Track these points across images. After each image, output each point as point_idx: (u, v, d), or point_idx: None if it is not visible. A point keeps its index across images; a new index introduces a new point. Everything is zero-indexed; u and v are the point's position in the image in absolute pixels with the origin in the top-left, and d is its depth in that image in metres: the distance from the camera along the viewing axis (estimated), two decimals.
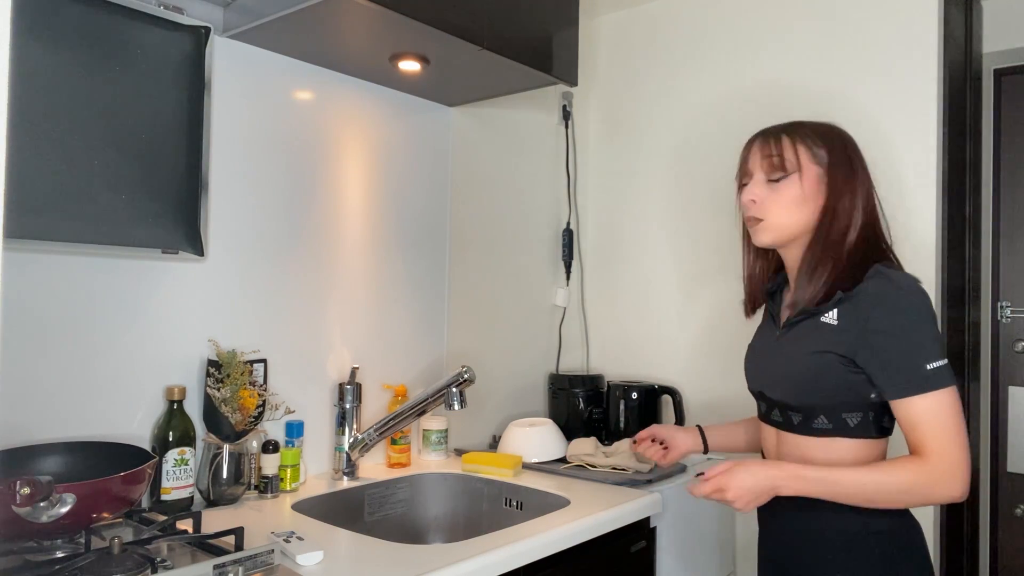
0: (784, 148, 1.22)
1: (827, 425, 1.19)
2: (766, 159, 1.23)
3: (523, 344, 2.18)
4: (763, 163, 1.24)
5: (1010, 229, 2.51)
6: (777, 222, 1.23)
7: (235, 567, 0.98)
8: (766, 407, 1.30)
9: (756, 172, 1.25)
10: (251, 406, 1.41)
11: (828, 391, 1.17)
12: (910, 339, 1.11)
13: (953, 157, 1.94)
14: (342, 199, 1.70)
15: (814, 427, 1.20)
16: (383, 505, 1.61)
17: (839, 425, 1.18)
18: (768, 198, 1.23)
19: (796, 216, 1.22)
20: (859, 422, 1.18)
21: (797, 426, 1.22)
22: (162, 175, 1.33)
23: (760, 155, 1.24)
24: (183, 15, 1.36)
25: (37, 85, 1.17)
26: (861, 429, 1.18)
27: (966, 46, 2.14)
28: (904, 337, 1.11)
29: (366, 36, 1.46)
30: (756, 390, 1.32)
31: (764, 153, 1.24)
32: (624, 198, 2.35)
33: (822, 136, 1.23)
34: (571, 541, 1.31)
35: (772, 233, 1.25)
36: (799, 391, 1.20)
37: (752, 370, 1.34)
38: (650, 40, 2.31)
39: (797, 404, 1.21)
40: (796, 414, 1.22)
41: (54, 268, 1.25)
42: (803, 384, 1.19)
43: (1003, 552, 2.48)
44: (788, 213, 1.22)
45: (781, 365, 1.24)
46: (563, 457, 1.81)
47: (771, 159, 1.22)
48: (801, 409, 1.21)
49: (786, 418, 1.24)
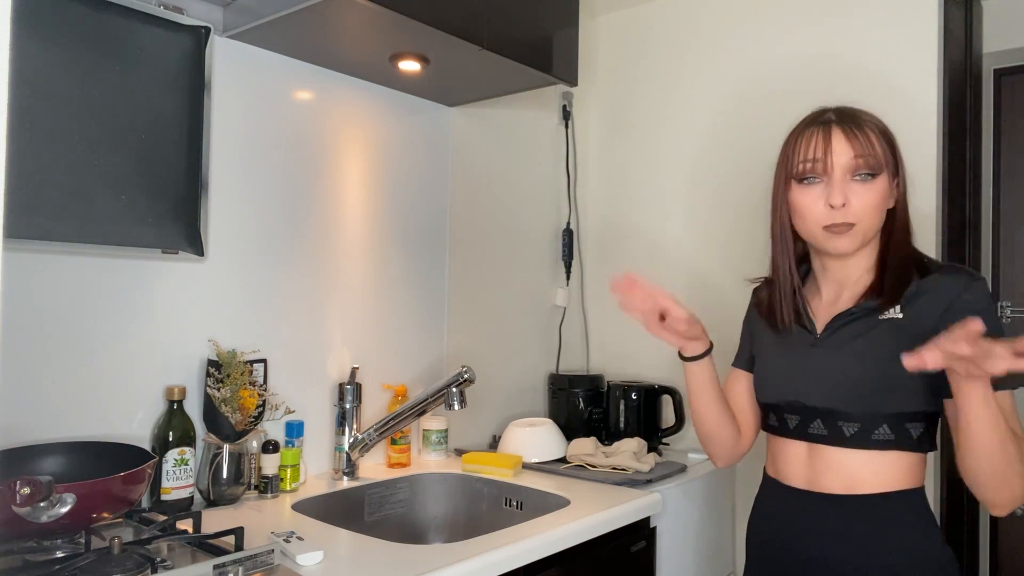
0: (874, 143, 1.09)
1: (890, 436, 1.08)
2: (859, 157, 1.08)
3: (523, 344, 2.18)
4: (855, 161, 1.08)
5: (1010, 229, 2.51)
6: (868, 227, 1.10)
7: (235, 567, 0.98)
8: (799, 420, 1.16)
9: (839, 170, 1.09)
10: (251, 406, 1.41)
11: (897, 394, 1.07)
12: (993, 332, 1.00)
13: (953, 157, 1.94)
14: (342, 199, 1.70)
15: (874, 438, 1.09)
16: (383, 505, 1.61)
17: (901, 436, 1.08)
18: (857, 201, 1.08)
19: (881, 216, 1.10)
20: (921, 433, 1.09)
21: (850, 438, 1.10)
22: (162, 175, 1.33)
23: (850, 151, 1.08)
24: (183, 15, 1.36)
25: (37, 85, 1.17)
26: (921, 442, 1.10)
27: (966, 46, 2.14)
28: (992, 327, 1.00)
29: (366, 36, 1.46)
30: (787, 401, 1.18)
31: (855, 149, 1.08)
32: (624, 198, 2.35)
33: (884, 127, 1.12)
34: (571, 541, 1.31)
35: (859, 239, 1.10)
36: (862, 395, 1.08)
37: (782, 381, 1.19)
38: (650, 40, 2.31)
39: (857, 412, 1.09)
40: (851, 424, 1.10)
41: (54, 268, 1.25)
42: (871, 385, 1.08)
43: (1003, 552, 2.48)
44: (878, 216, 1.10)
45: (838, 368, 1.12)
46: (563, 457, 1.81)
47: (865, 158, 1.08)
48: (861, 418, 1.09)
49: (834, 429, 1.11)
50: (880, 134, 1.10)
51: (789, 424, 1.17)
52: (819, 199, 1.10)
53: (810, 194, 1.11)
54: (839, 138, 1.09)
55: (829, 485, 1.12)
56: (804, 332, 1.18)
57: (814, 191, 1.11)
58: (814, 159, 1.10)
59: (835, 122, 1.11)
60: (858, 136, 1.08)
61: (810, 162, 1.11)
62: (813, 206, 1.11)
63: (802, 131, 1.14)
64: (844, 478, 1.11)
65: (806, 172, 1.11)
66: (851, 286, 1.17)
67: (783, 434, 1.19)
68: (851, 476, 1.11)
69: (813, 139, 1.11)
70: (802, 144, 1.12)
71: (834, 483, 1.12)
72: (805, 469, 1.16)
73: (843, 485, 1.11)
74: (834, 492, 1.12)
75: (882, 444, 1.08)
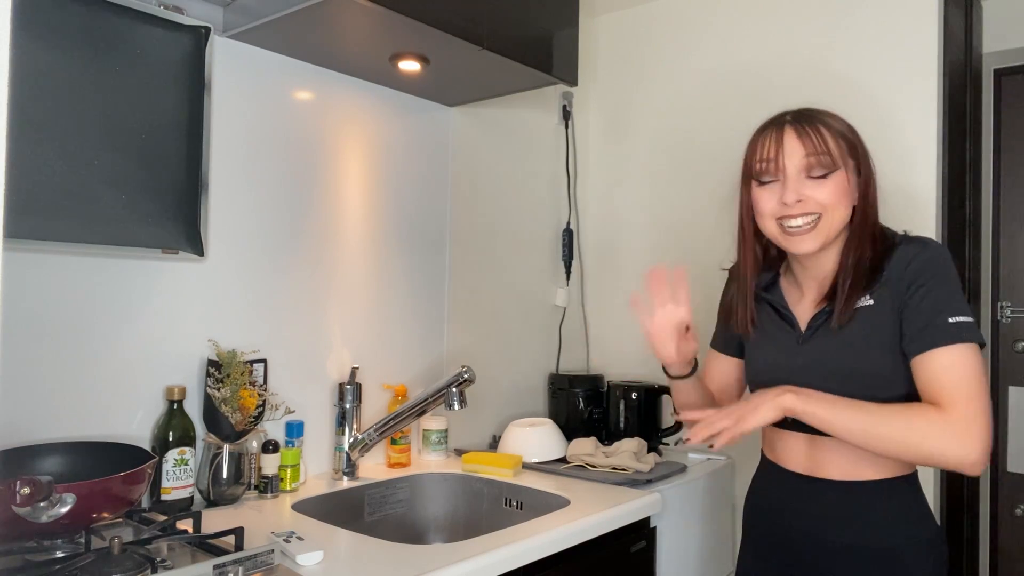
0: (828, 141, 1.10)
1: None
2: (811, 155, 1.10)
3: (523, 344, 2.18)
4: (807, 159, 1.10)
5: (1010, 229, 2.51)
6: (831, 220, 1.11)
7: (235, 567, 0.98)
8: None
9: (792, 169, 1.11)
10: (251, 406, 1.41)
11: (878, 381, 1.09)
12: (939, 292, 1.05)
13: (953, 157, 1.94)
14: (342, 199, 1.70)
15: None
16: (383, 505, 1.61)
17: None
18: (813, 196, 1.10)
19: (844, 211, 1.12)
20: None
21: None
22: (162, 175, 1.33)
23: (802, 150, 1.10)
24: (183, 15, 1.36)
25: (37, 85, 1.17)
26: None
27: (966, 46, 2.14)
28: (934, 290, 1.05)
29: (366, 36, 1.46)
30: None
31: (807, 148, 1.10)
32: (624, 198, 2.35)
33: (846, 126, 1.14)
34: (571, 541, 1.31)
35: (823, 236, 1.11)
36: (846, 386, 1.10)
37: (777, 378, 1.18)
38: (650, 40, 2.31)
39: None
40: None
41: (54, 268, 1.25)
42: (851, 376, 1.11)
43: (1003, 552, 2.48)
44: (841, 208, 1.11)
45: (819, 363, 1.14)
46: (563, 457, 1.81)
47: (818, 156, 1.09)
48: None
49: None
50: (837, 134, 1.11)
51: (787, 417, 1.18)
52: (774, 197, 1.13)
53: (766, 193, 1.14)
54: (791, 138, 1.11)
55: (829, 472, 1.16)
56: (789, 329, 1.21)
57: (770, 190, 1.14)
58: (768, 159, 1.13)
59: (788, 122, 1.13)
60: (811, 135, 1.10)
61: (765, 162, 1.13)
62: (768, 204, 1.14)
63: (760, 133, 1.16)
64: (845, 466, 1.14)
65: (762, 172, 1.14)
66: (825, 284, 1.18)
67: (782, 426, 1.21)
68: (852, 464, 1.13)
69: (768, 140, 1.13)
70: (759, 145, 1.15)
71: (834, 471, 1.15)
72: (805, 458, 1.19)
73: (843, 472, 1.14)
74: (833, 478, 1.15)
75: None
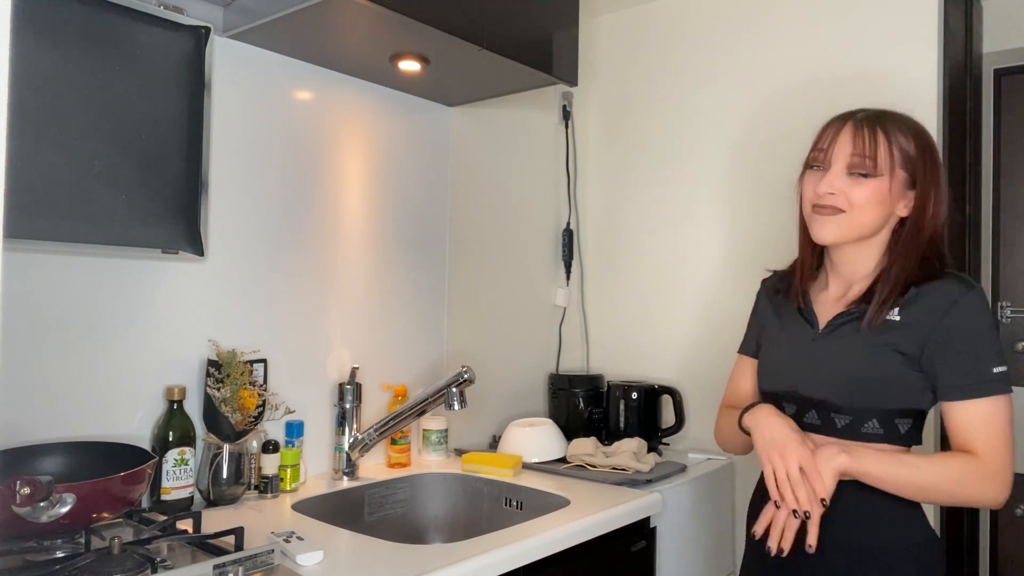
0: (879, 147, 1.12)
1: (878, 430, 1.13)
2: (856, 156, 1.13)
3: (523, 344, 2.18)
4: (852, 159, 1.13)
5: (1010, 229, 2.51)
6: (857, 220, 1.14)
7: (235, 567, 0.98)
8: (796, 409, 1.21)
9: (837, 163, 1.15)
10: (251, 406, 1.41)
11: (889, 392, 1.11)
12: (982, 341, 1.08)
13: (953, 157, 1.94)
14: (342, 199, 1.70)
15: (863, 431, 1.13)
16: (383, 505, 1.61)
17: (890, 430, 1.13)
18: (850, 191, 1.13)
19: (874, 216, 1.14)
20: (908, 428, 1.13)
21: (841, 430, 1.15)
22: (162, 175, 1.33)
23: (851, 147, 1.13)
24: (183, 15, 1.36)
25: (37, 85, 1.17)
26: (908, 436, 1.14)
27: (966, 46, 2.14)
28: (977, 338, 1.08)
29: (366, 36, 1.46)
30: (785, 390, 1.23)
31: (856, 147, 1.13)
32: (624, 198, 2.35)
33: (915, 136, 1.15)
34: (571, 541, 1.31)
35: (843, 229, 1.15)
36: (854, 390, 1.13)
37: (784, 369, 1.24)
38: (650, 40, 2.31)
39: (848, 405, 1.14)
40: (842, 416, 1.15)
41: (54, 268, 1.25)
42: (863, 383, 1.13)
43: (1003, 552, 2.48)
44: (870, 213, 1.14)
45: (834, 364, 1.16)
46: (563, 457, 1.81)
47: (863, 158, 1.13)
48: (851, 411, 1.14)
49: (827, 421, 1.16)
50: (896, 143, 1.13)
51: (786, 412, 1.21)
52: (814, 184, 1.18)
53: (811, 178, 1.19)
54: (847, 134, 1.15)
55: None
56: (807, 326, 1.23)
57: (815, 176, 1.18)
58: (821, 148, 1.18)
59: (853, 119, 1.16)
60: (866, 137, 1.13)
61: (818, 151, 1.18)
62: (809, 189, 1.19)
63: (828, 124, 1.20)
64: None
65: (814, 160, 1.19)
66: (854, 286, 1.21)
67: None
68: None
69: (828, 131, 1.18)
70: (822, 134, 1.19)
71: None
72: None
73: None
74: None
75: (870, 437, 1.13)
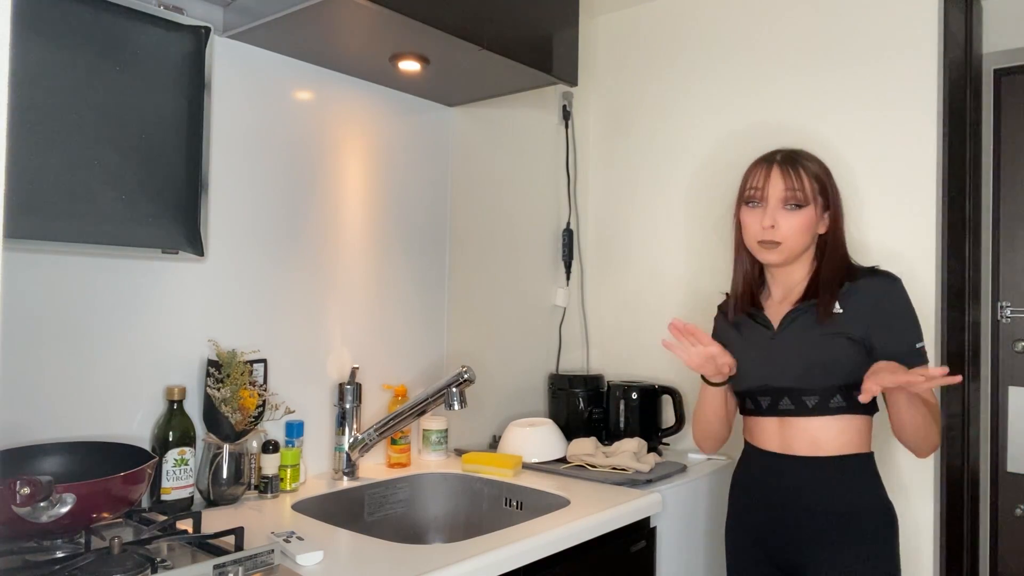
0: (804, 182, 1.39)
1: (843, 403, 1.36)
2: (788, 191, 1.39)
3: (523, 344, 2.18)
4: (785, 194, 1.39)
5: (1010, 229, 2.51)
6: (793, 246, 1.40)
7: (235, 567, 0.98)
8: (771, 399, 1.41)
9: (773, 199, 1.40)
10: (251, 406, 1.41)
11: (843, 370, 1.34)
12: (910, 319, 1.36)
13: (953, 157, 1.94)
14: (342, 199, 1.70)
15: (831, 406, 1.36)
16: (383, 505, 1.61)
17: (852, 402, 1.36)
18: (784, 224, 1.39)
19: (806, 240, 1.41)
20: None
21: (813, 408, 1.37)
22: (162, 175, 1.33)
23: (782, 185, 1.39)
24: (183, 15, 1.36)
25: (37, 85, 1.17)
26: (868, 406, 1.37)
27: (966, 46, 2.14)
28: (907, 318, 1.36)
29: (366, 36, 1.46)
30: (758, 386, 1.42)
31: (786, 184, 1.39)
32: (624, 198, 2.35)
33: (822, 170, 1.42)
34: (571, 541, 1.31)
35: (784, 255, 1.41)
36: (815, 373, 1.35)
37: (753, 368, 1.44)
38: (650, 40, 2.31)
39: (815, 386, 1.35)
40: (812, 397, 1.37)
41: (54, 268, 1.25)
42: (823, 365, 1.35)
43: (1003, 552, 2.48)
44: (802, 238, 1.41)
45: (795, 354, 1.38)
46: (563, 457, 1.81)
47: (794, 192, 1.38)
48: (818, 391, 1.36)
49: (799, 403, 1.38)
50: (813, 176, 1.41)
51: (762, 405, 1.43)
52: (757, 220, 1.42)
53: (752, 215, 1.43)
54: (776, 174, 1.40)
55: (797, 448, 1.39)
56: (763, 328, 1.46)
57: (755, 213, 1.42)
58: (756, 187, 1.42)
59: (777, 162, 1.42)
60: (791, 175, 1.39)
61: (754, 190, 1.42)
62: (752, 225, 1.43)
63: (754, 165, 1.45)
64: (809, 441, 1.38)
65: (751, 197, 1.43)
66: (793, 290, 1.46)
67: (758, 414, 1.45)
68: (815, 439, 1.37)
69: (759, 172, 1.43)
70: (751, 175, 1.44)
71: (801, 446, 1.39)
72: (777, 437, 1.42)
73: (809, 448, 1.38)
74: (801, 454, 1.38)
75: (837, 410, 1.36)
